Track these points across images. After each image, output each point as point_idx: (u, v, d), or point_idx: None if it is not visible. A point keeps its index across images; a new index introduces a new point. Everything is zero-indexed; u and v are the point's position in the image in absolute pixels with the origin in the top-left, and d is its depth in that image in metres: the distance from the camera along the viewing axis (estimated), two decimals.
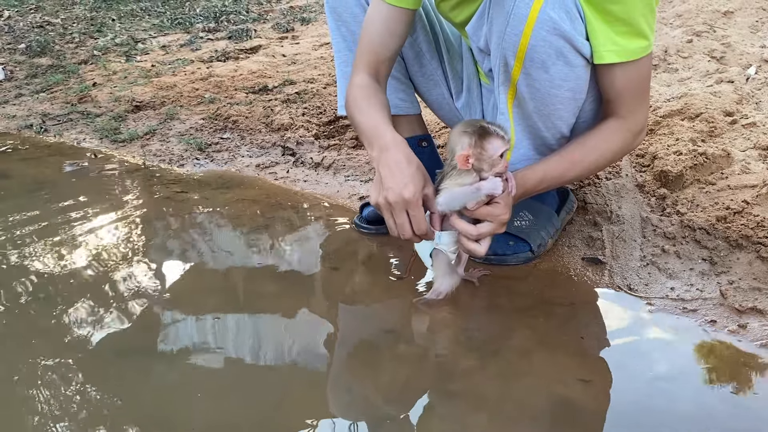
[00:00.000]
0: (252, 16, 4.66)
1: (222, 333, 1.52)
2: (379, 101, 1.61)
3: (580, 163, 1.55)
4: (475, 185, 1.39)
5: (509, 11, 1.43)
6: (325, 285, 1.69)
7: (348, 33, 1.87)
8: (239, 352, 1.45)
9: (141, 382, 1.36)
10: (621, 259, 1.69)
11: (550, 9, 1.39)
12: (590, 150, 1.55)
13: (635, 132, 1.57)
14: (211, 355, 1.44)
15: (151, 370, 1.40)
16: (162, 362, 1.43)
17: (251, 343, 1.48)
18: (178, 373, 1.39)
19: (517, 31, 1.43)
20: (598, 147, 1.55)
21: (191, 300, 1.65)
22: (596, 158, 1.57)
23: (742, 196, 1.81)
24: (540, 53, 1.43)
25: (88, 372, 1.37)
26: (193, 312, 1.59)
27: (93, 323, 1.55)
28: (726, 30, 2.93)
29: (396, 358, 1.40)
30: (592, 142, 1.56)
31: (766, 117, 2.18)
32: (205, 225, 2.05)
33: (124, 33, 4.53)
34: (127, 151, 2.71)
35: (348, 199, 2.18)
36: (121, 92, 3.31)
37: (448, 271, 1.52)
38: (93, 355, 1.43)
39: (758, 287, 1.52)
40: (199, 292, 1.70)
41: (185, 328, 1.56)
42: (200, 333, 1.53)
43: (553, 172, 1.55)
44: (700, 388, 1.29)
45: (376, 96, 1.63)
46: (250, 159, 2.52)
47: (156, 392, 1.33)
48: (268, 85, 3.25)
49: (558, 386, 1.29)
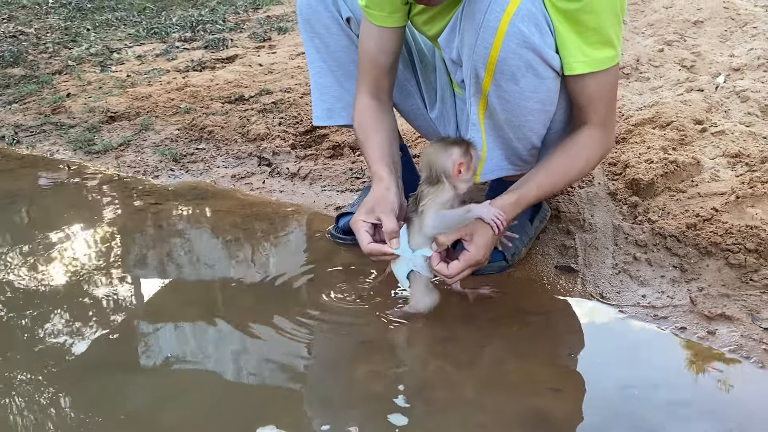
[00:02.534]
0: (229, 26, 4.64)
1: (196, 345, 1.51)
2: (375, 129, 1.71)
3: (569, 173, 1.59)
4: (465, 207, 1.43)
5: (479, 24, 1.44)
6: (300, 296, 1.68)
7: (321, 45, 1.88)
8: (214, 364, 1.44)
9: (117, 397, 1.34)
10: (593, 267, 1.71)
11: (520, 22, 1.41)
12: (575, 159, 1.58)
13: (609, 138, 1.61)
14: (186, 367, 1.43)
15: (126, 384, 1.38)
16: (138, 375, 1.41)
17: (225, 355, 1.48)
18: (153, 386, 1.38)
19: (487, 43, 1.44)
20: (581, 155, 1.58)
21: (164, 312, 1.64)
22: (582, 168, 1.60)
23: (712, 203, 1.84)
24: (510, 65, 1.45)
25: (63, 387, 1.36)
26: (166, 324, 1.58)
27: (65, 337, 1.53)
28: (696, 39, 2.98)
29: (370, 369, 1.41)
30: (575, 152, 1.58)
31: (735, 125, 2.22)
32: (179, 237, 2.04)
33: (99, 43, 4.49)
34: (101, 162, 2.68)
35: (324, 210, 2.18)
36: (96, 103, 3.28)
37: (427, 291, 1.52)
38: (67, 370, 1.42)
39: (727, 293, 1.55)
40: (173, 304, 1.68)
41: (158, 340, 1.55)
42: (174, 345, 1.52)
43: (546, 186, 1.57)
44: (670, 396, 1.30)
45: (375, 122, 1.72)
46: (225, 170, 2.51)
47: (132, 406, 1.32)
48: (245, 94, 3.23)
49: (530, 396, 1.30)
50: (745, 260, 1.62)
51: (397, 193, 1.61)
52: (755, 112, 2.30)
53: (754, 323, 1.45)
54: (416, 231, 1.48)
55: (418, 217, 1.48)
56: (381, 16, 1.67)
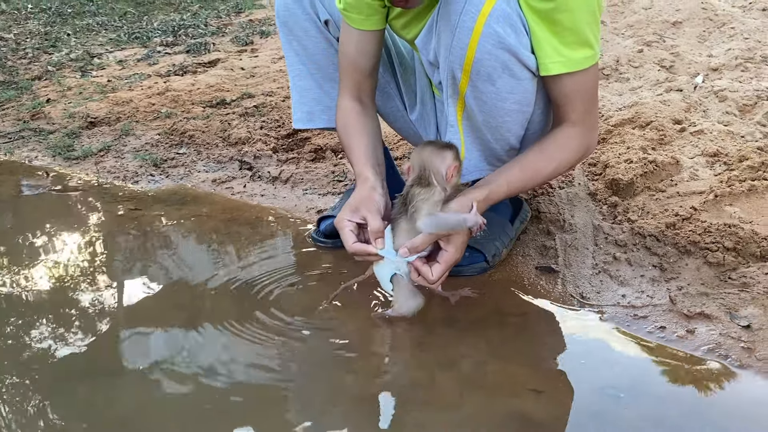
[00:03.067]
0: (211, 30, 4.63)
1: (176, 351, 1.49)
2: (359, 131, 1.70)
3: (542, 171, 1.57)
4: (462, 216, 1.43)
5: (455, 25, 1.44)
6: (280, 300, 1.67)
7: (300, 48, 1.87)
8: (195, 370, 1.42)
9: (99, 404, 1.33)
10: (573, 268, 1.71)
11: (495, 23, 1.41)
12: (550, 158, 1.57)
13: (589, 136, 1.60)
14: (166, 372, 1.42)
15: (108, 391, 1.37)
16: (118, 381, 1.39)
17: (206, 360, 1.45)
18: (133, 392, 1.36)
19: (462, 44, 1.44)
20: (556, 155, 1.57)
21: (144, 318, 1.62)
22: (556, 166, 1.59)
23: (691, 202, 1.84)
24: (486, 66, 1.44)
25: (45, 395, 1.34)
26: (146, 330, 1.57)
27: (43, 344, 1.51)
28: (675, 40, 3.00)
29: (350, 374, 1.40)
30: (551, 150, 1.57)
31: (713, 124, 2.23)
32: (159, 243, 2.02)
33: (79, 48, 4.46)
34: (80, 168, 2.65)
35: (306, 213, 2.17)
36: (76, 108, 3.25)
37: (411, 295, 1.51)
38: (48, 377, 1.40)
39: (705, 292, 1.55)
40: (152, 310, 1.66)
41: (137, 346, 1.53)
42: (154, 351, 1.50)
43: (517, 183, 1.56)
44: (651, 396, 1.30)
45: (359, 125, 1.71)
46: (206, 174, 2.50)
47: (113, 414, 1.30)
48: (226, 98, 3.22)
49: (511, 398, 1.29)
50: (724, 259, 1.62)
51: (382, 193, 1.60)
52: (733, 112, 2.32)
53: (733, 321, 1.45)
54: (403, 233, 1.47)
55: (406, 220, 1.47)
56: (359, 19, 1.66)
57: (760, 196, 1.82)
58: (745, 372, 1.34)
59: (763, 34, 2.89)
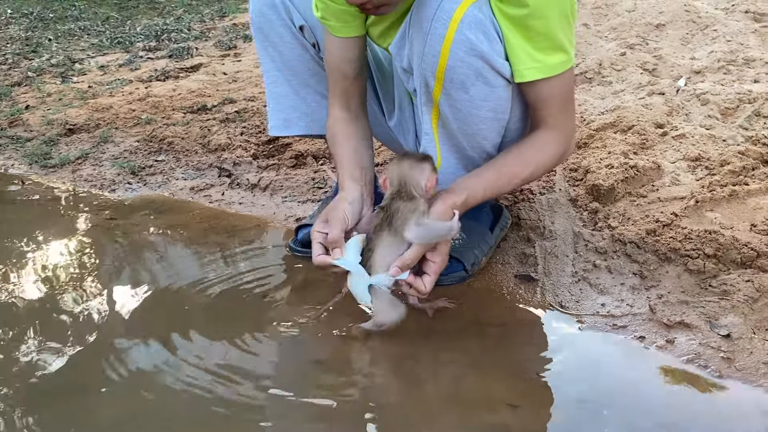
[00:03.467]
0: (194, 34, 4.58)
1: (150, 362, 1.46)
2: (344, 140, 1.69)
3: (519, 175, 1.56)
4: (449, 224, 1.41)
5: (427, 31, 1.42)
6: (255, 312, 1.63)
7: (276, 54, 1.84)
8: (170, 381, 1.39)
9: (71, 420, 1.30)
10: (553, 276, 1.68)
11: (467, 29, 1.39)
12: (527, 162, 1.55)
13: (566, 141, 1.58)
14: (136, 386, 1.38)
15: (82, 405, 1.34)
16: (90, 399, 1.36)
17: (175, 373, 1.42)
18: (104, 407, 1.33)
19: (434, 51, 1.41)
20: (533, 158, 1.55)
21: (117, 331, 1.58)
22: (533, 170, 1.57)
23: (672, 208, 1.82)
24: (459, 74, 1.42)
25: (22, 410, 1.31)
26: (118, 344, 1.53)
27: (11, 359, 1.47)
28: (658, 42, 2.99)
29: (323, 388, 1.36)
30: (528, 153, 1.56)
31: (695, 128, 2.22)
32: (133, 253, 1.98)
33: (60, 53, 4.41)
34: (57, 177, 2.61)
35: (284, 221, 2.13)
36: (55, 115, 3.21)
37: (392, 306, 1.46)
38: (22, 392, 1.37)
39: (686, 300, 1.53)
40: (125, 323, 1.62)
41: (110, 359, 1.48)
42: (128, 364, 1.46)
43: (493, 188, 1.55)
44: (629, 409, 1.28)
45: (343, 134, 1.70)
46: (184, 182, 2.46)
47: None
48: (207, 104, 3.18)
49: (486, 413, 1.26)
50: (704, 266, 1.60)
51: (353, 202, 1.57)
52: (715, 115, 2.30)
53: (713, 330, 1.43)
54: (386, 247, 1.43)
55: (390, 233, 1.43)
56: (338, 26, 1.64)
57: (741, 201, 1.81)
58: (724, 382, 1.32)
59: (745, 37, 2.88)
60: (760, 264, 1.58)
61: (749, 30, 2.94)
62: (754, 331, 1.42)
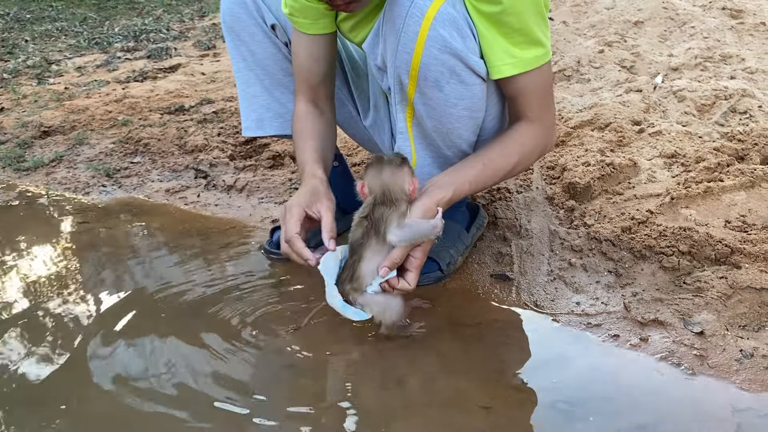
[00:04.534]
0: (173, 34, 4.54)
1: (121, 368, 1.43)
2: (309, 134, 1.66)
3: (503, 168, 1.53)
4: (432, 224, 1.39)
5: (400, 29, 1.40)
6: (227, 317, 1.61)
7: (247, 53, 1.82)
8: (143, 386, 1.37)
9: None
10: (528, 275, 1.67)
11: (440, 27, 1.37)
12: (510, 154, 1.52)
13: (547, 133, 1.56)
14: (105, 392, 1.36)
15: (48, 410, 1.31)
16: (57, 402, 1.33)
17: (147, 379, 1.40)
18: (69, 418, 1.30)
19: (408, 48, 1.40)
20: (516, 151, 1.53)
21: (89, 335, 1.55)
22: (516, 162, 1.54)
23: (647, 205, 1.82)
24: (433, 71, 1.40)
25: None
26: (89, 348, 1.50)
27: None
28: (636, 39, 2.99)
29: (295, 392, 1.34)
30: (511, 146, 1.53)
31: (672, 125, 2.22)
32: (106, 257, 1.95)
33: (37, 54, 4.35)
34: (30, 180, 2.57)
35: (260, 223, 2.11)
36: (30, 117, 3.16)
37: (388, 303, 1.43)
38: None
39: (660, 298, 1.53)
40: (96, 327, 1.59)
41: (81, 366, 1.46)
42: (98, 369, 1.44)
43: (478, 182, 1.51)
44: (602, 409, 1.27)
45: (307, 127, 1.67)
46: (160, 184, 2.43)
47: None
48: (185, 104, 3.15)
49: (459, 415, 1.25)
50: (679, 263, 1.60)
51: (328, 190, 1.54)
52: (692, 112, 2.31)
53: (686, 328, 1.43)
54: (375, 255, 1.40)
55: (378, 241, 1.39)
56: (306, 23, 1.62)
57: (716, 197, 1.81)
58: (697, 380, 1.31)
59: (722, 33, 2.89)
60: (733, 260, 1.58)
61: (726, 27, 2.95)
62: (727, 327, 1.42)
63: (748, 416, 1.22)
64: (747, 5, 3.26)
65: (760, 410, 1.23)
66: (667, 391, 1.30)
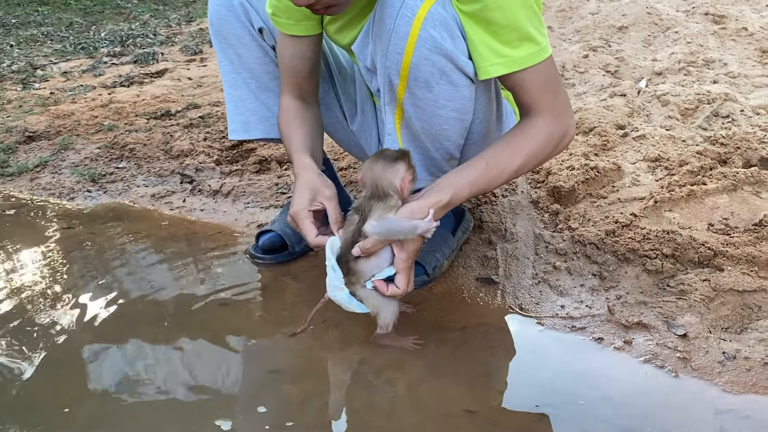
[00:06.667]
0: (160, 39, 4.53)
1: (107, 373, 1.43)
2: (298, 124, 1.66)
3: (509, 167, 1.45)
4: (413, 223, 1.35)
5: (390, 29, 1.39)
6: (211, 322, 1.60)
7: (234, 56, 1.81)
8: (117, 393, 1.36)
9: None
10: (514, 278, 1.68)
11: (431, 27, 1.36)
12: (516, 152, 1.45)
13: (560, 122, 1.46)
14: (91, 397, 1.36)
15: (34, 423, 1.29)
16: (42, 411, 1.32)
17: (130, 384, 1.39)
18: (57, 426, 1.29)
19: (399, 48, 1.39)
20: (524, 148, 1.45)
21: (70, 342, 1.54)
22: (525, 160, 1.46)
23: (631, 208, 1.83)
24: (423, 72, 1.40)
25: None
26: (73, 354, 1.49)
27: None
28: (621, 44, 3.02)
29: (279, 396, 1.34)
30: (517, 143, 1.46)
31: (655, 129, 2.24)
32: (91, 263, 1.93)
33: (22, 59, 4.32)
34: (14, 185, 2.55)
35: (246, 228, 2.10)
36: (14, 122, 3.14)
37: (384, 303, 1.43)
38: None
39: (644, 301, 1.54)
40: (80, 333, 1.58)
41: (66, 373, 1.45)
42: (81, 375, 1.43)
43: (480, 183, 1.45)
44: (587, 412, 1.27)
45: (296, 119, 1.67)
46: (145, 189, 2.42)
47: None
48: (171, 109, 3.14)
49: (444, 419, 1.25)
50: (662, 266, 1.61)
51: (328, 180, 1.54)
52: (675, 116, 2.33)
53: (670, 331, 1.44)
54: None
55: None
56: (288, 24, 1.62)
57: (699, 201, 1.82)
58: (681, 382, 1.32)
59: (705, 38, 2.92)
60: (716, 263, 1.59)
61: (709, 32, 2.98)
62: (710, 330, 1.43)
63: (730, 418, 1.23)
64: (729, 11, 3.30)
65: (743, 412, 1.24)
66: (650, 394, 1.30)
